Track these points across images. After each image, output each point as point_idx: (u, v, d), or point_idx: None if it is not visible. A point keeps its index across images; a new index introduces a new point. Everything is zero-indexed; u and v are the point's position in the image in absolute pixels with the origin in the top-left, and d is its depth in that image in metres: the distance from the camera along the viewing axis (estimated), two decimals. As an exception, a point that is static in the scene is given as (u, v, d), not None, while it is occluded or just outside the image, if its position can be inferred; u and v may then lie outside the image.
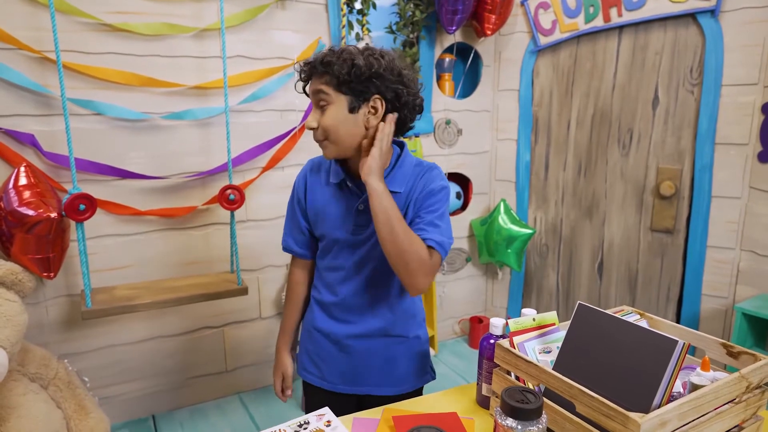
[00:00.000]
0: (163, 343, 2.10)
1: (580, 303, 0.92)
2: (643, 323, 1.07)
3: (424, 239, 1.06)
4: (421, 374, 1.27)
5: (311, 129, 1.09)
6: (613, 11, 2.32)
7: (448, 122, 2.58)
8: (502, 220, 2.58)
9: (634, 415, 0.72)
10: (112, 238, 1.92)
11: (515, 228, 2.56)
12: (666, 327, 1.05)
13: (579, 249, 2.64)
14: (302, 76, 1.12)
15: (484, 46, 2.61)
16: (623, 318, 0.89)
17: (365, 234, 1.14)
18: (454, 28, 2.28)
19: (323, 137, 1.09)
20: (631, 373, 0.82)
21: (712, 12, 2.13)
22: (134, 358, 2.05)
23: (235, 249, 1.92)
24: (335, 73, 1.05)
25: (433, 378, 1.30)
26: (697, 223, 2.28)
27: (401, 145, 1.18)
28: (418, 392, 1.26)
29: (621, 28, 2.36)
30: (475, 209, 2.79)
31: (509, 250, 2.57)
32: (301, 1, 2.13)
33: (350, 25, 2.32)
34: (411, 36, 2.44)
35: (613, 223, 2.52)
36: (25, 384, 1.67)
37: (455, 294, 2.80)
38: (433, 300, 2.60)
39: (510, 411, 0.76)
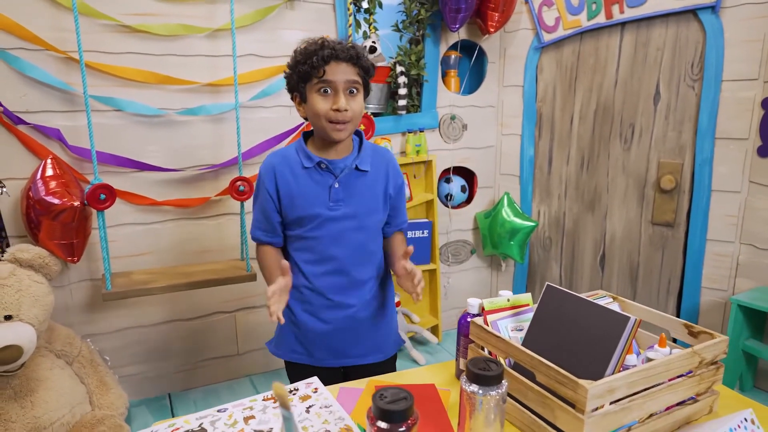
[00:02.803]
0: (179, 327, 2.22)
1: (548, 284, 1.00)
2: (615, 306, 1.14)
3: (401, 228, 1.38)
4: (396, 339, 1.42)
5: (345, 110, 1.18)
6: (615, 8, 2.36)
7: (453, 117, 2.65)
8: (506, 213, 2.64)
9: (583, 382, 0.80)
10: (131, 226, 2.05)
11: (518, 221, 2.63)
12: (635, 309, 1.11)
13: (581, 242, 2.69)
14: (323, 54, 1.16)
15: (489, 43, 2.67)
16: (593, 300, 0.97)
17: (341, 210, 1.24)
18: (457, 26, 2.35)
19: (350, 119, 1.20)
20: (589, 346, 0.90)
21: (713, 8, 2.16)
22: (152, 339, 2.18)
23: (245, 237, 2.04)
24: (364, 66, 1.22)
25: (403, 342, 1.47)
26: (697, 216, 2.32)
27: (359, 134, 1.32)
28: (394, 358, 1.41)
29: (623, 24, 2.40)
30: (481, 202, 2.86)
31: (512, 243, 2.63)
32: (309, 1, 2.23)
33: (357, 24, 2.41)
34: (417, 34, 2.52)
35: (615, 217, 2.57)
36: (52, 360, 1.81)
37: (460, 285, 2.88)
38: (437, 290, 2.69)
39: (474, 378, 0.84)
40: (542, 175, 2.76)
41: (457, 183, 2.74)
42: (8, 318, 1.59)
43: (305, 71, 1.18)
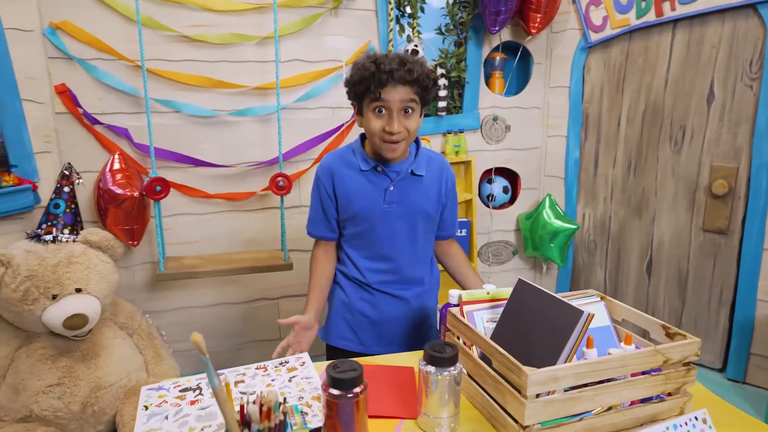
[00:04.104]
0: (227, 309, 2.43)
1: (519, 279, 1.04)
2: (601, 305, 1.15)
3: (452, 234, 1.49)
4: (436, 331, 1.47)
5: (398, 132, 1.20)
6: (666, 5, 2.27)
7: (495, 119, 2.66)
8: (547, 214, 2.62)
9: (525, 369, 0.84)
10: (186, 216, 2.28)
11: (559, 223, 2.59)
12: (620, 309, 1.12)
13: (627, 247, 2.61)
14: (381, 78, 1.16)
15: (535, 44, 2.66)
16: (555, 295, 1.00)
17: (396, 211, 1.32)
18: (497, 28, 2.37)
19: (403, 139, 1.23)
20: (548, 337, 0.93)
21: (774, 2, 2.03)
22: (203, 319, 2.40)
23: (284, 230, 2.20)
24: (421, 83, 1.21)
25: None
26: (753, 223, 2.18)
27: (416, 140, 1.37)
28: None
29: (675, 22, 2.30)
30: (524, 203, 2.85)
31: (552, 245, 2.61)
32: (352, 8, 2.35)
33: (401, 28, 2.50)
34: (460, 37, 2.57)
35: (663, 222, 2.46)
36: (115, 330, 2.06)
37: (501, 285, 2.87)
38: (475, 289, 2.71)
39: (430, 359, 0.91)
40: (588, 177, 2.70)
41: (499, 184, 2.75)
42: (78, 290, 1.85)
43: (361, 91, 1.21)
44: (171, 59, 2.15)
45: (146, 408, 0.98)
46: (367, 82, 1.18)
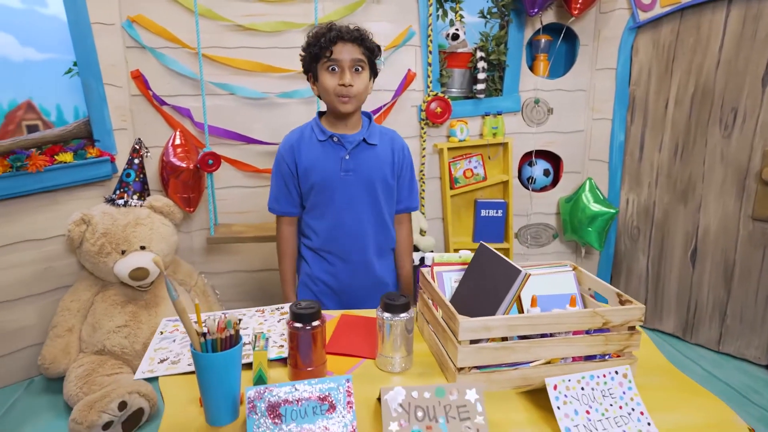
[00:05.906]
0: (273, 275, 2.67)
1: (481, 243, 1.13)
2: (571, 274, 1.21)
3: (408, 209, 1.58)
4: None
5: (350, 86, 1.35)
6: (719, -20, 2.16)
7: (536, 101, 2.66)
8: (586, 198, 2.60)
9: (459, 317, 0.95)
10: (239, 189, 2.53)
11: (598, 207, 2.56)
12: (588, 280, 1.17)
13: (672, 234, 2.52)
14: (330, 36, 1.34)
15: (582, 25, 2.62)
16: (504, 257, 1.08)
17: (353, 178, 1.45)
18: (535, 10, 2.37)
19: (354, 94, 1.38)
20: (493, 293, 1.03)
21: (839, -27, 1.88)
22: (251, 282, 2.66)
23: (321, 203, 2.38)
24: (369, 47, 1.39)
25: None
26: (806, 213, 2.05)
27: (369, 116, 1.51)
28: None
29: (730, -3, 2.18)
30: (567, 187, 2.82)
31: (590, 229, 2.58)
32: (393, -5, 2.46)
33: (444, 13, 2.57)
34: (503, 20, 2.59)
35: (710, 210, 2.36)
36: (174, 285, 2.36)
37: (540, 269, 2.89)
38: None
39: (385, 306, 1.04)
40: (632, 161, 2.63)
41: (540, 166, 2.75)
42: (143, 248, 2.15)
43: (315, 52, 1.37)
44: (226, 46, 2.38)
45: (161, 333, 1.19)
46: (320, 42, 1.34)
